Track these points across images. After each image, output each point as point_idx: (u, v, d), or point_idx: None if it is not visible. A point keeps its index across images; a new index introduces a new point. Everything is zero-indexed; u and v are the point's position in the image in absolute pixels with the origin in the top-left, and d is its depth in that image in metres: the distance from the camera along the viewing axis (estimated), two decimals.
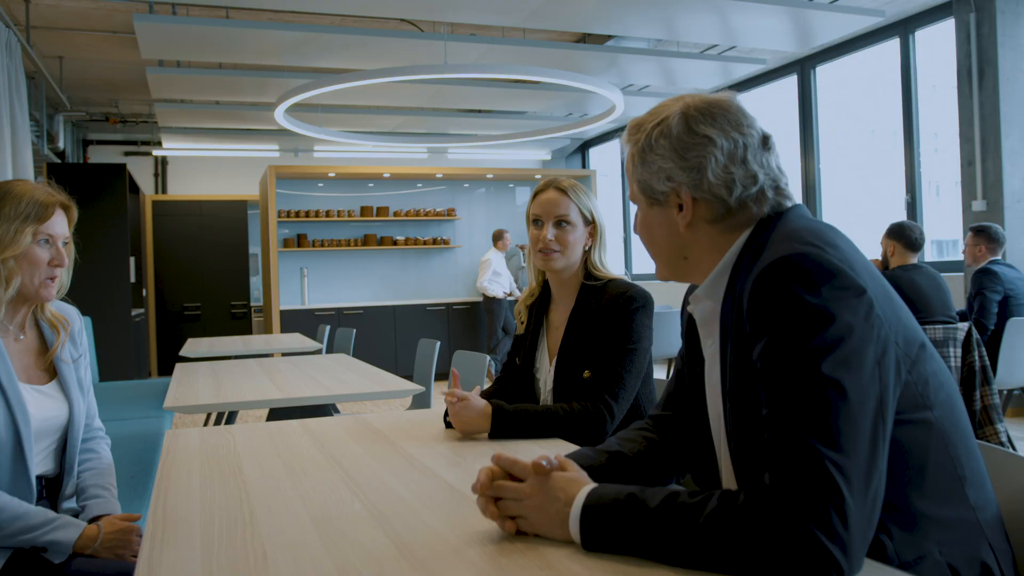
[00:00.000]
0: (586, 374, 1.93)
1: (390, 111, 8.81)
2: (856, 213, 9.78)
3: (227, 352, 4.84)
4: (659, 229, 1.21)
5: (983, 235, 4.59)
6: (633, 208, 1.27)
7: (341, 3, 5.34)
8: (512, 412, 1.79)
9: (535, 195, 2.05)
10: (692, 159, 1.14)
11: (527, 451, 1.73)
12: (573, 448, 1.76)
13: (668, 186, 1.16)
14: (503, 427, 1.77)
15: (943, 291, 4.08)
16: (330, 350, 5.50)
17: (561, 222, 1.99)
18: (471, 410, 1.76)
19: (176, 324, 10.38)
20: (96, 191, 7.77)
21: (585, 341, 1.96)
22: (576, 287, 2.03)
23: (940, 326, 3.91)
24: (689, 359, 1.35)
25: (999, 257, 4.59)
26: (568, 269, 2.02)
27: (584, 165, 11.94)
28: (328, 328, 5.72)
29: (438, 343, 3.87)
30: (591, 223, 2.04)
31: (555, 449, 1.77)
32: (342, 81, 6.06)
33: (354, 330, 5.23)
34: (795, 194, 1.19)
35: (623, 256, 10.84)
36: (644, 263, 10.59)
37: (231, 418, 3.34)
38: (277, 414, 2.76)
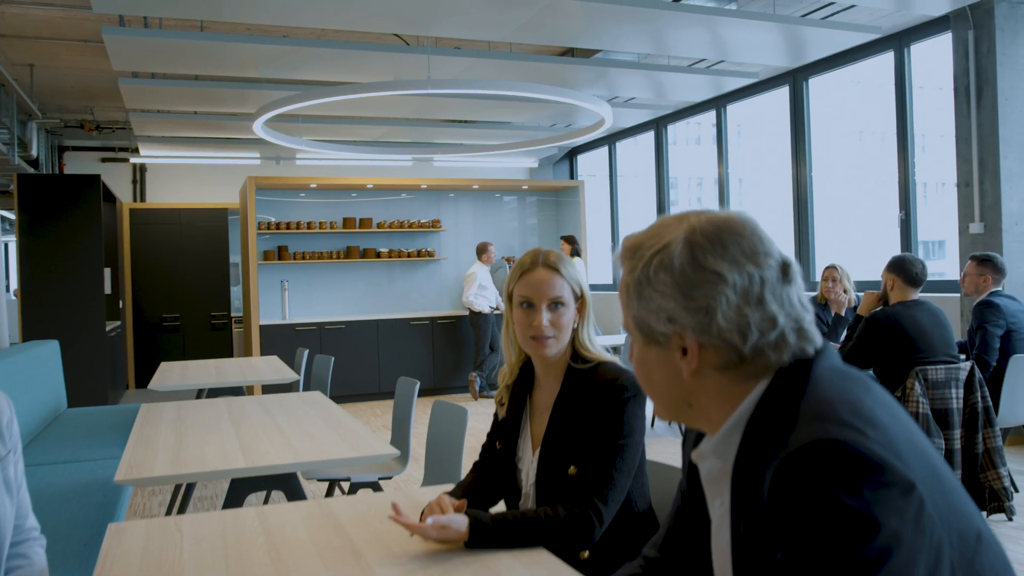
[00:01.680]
0: (572, 470, 1.74)
1: (374, 121, 8.60)
2: (848, 223, 9.64)
3: (199, 384, 4.63)
4: (659, 372, 1.02)
5: (989, 265, 4.42)
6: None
7: (321, 18, 5.13)
8: (492, 525, 1.60)
9: (521, 274, 1.84)
10: (699, 299, 0.95)
11: (508, 564, 1.56)
12: (556, 561, 1.58)
13: (670, 328, 0.97)
14: (482, 539, 1.59)
15: (945, 329, 3.91)
16: (307, 380, 5.30)
17: (556, 304, 1.81)
18: (451, 532, 1.58)
19: (154, 335, 10.14)
20: (69, 202, 7.52)
21: (571, 431, 1.77)
22: (562, 369, 1.84)
23: (942, 366, 3.75)
24: (691, 501, 1.17)
25: (1000, 288, 4.43)
26: (558, 352, 1.83)
27: (572, 173, 11.75)
28: (307, 353, 5.51)
29: (417, 384, 3.68)
30: (580, 298, 1.85)
31: (538, 559, 1.60)
32: (322, 95, 5.85)
33: (332, 358, 5.02)
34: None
35: (610, 268, 10.67)
36: None
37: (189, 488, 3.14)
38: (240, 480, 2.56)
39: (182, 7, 4.87)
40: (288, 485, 2.62)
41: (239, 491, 2.56)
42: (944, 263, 9.93)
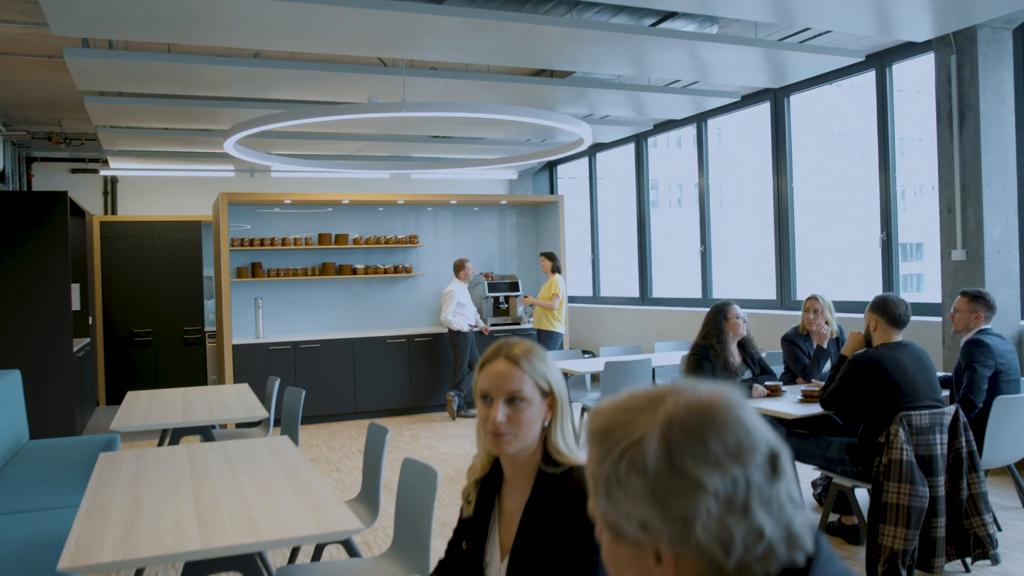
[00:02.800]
0: None
1: (349, 137, 8.44)
2: (829, 233, 9.59)
3: (163, 423, 4.48)
4: (629, 572, 0.90)
5: (982, 302, 4.32)
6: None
7: (295, 42, 4.98)
8: None
9: (482, 365, 1.73)
10: (676, 508, 0.82)
11: None
12: None
13: (642, 535, 0.86)
14: None
15: (929, 372, 3.83)
16: (278, 415, 5.15)
17: (513, 399, 1.68)
18: None
19: (126, 351, 9.92)
20: (35, 220, 7.31)
21: (542, 542, 1.66)
22: (533, 471, 1.72)
23: (926, 411, 3.67)
24: None
25: (990, 326, 4.34)
26: (524, 451, 1.70)
27: (552, 185, 11.65)
28: (278, 383, 5.37)
29: (388, 432, 3.55)
30: (549, 394, 1.72)
31: None
32: (295, 116, 5.70)
33: (303, 391, 4.88)
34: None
35: (591, 280, 10.57)
36: (613, 286, 10.33)
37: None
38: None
39: (148, 31, 4.70)
40: (246, 566, 2.48)
41: (194, 574, 2.42)
42: (922, 263, 9.95)
